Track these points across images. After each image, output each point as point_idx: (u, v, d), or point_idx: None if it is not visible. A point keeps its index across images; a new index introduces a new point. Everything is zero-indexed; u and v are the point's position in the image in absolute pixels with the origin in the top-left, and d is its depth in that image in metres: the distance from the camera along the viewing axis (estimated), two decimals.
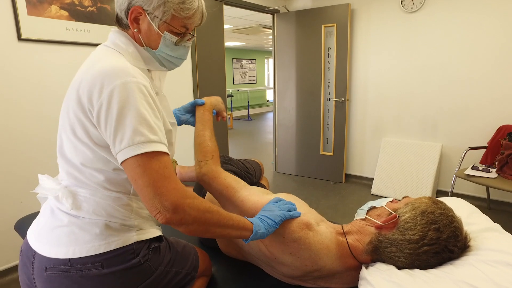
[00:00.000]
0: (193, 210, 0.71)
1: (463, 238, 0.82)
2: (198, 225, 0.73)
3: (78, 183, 0.79)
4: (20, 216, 1.71)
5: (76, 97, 0.73)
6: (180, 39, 0.85)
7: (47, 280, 0.77)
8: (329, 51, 3.53)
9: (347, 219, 2.77)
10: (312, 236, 0.86)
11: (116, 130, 0.69)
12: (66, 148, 0.78)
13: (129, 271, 0.78)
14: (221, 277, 1.10)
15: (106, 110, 0.68)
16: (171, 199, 0.68)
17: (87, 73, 0.73)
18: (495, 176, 2.46)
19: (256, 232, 0.81)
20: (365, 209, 0.95)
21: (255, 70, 10.95)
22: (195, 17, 0.84)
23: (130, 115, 0.68)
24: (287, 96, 3.94)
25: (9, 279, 1.96)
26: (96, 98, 0.69)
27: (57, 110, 2.04)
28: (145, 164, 0.68)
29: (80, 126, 0.73)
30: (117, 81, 0.69)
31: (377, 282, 0.78)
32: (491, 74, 2.75)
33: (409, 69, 3.16)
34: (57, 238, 0.77)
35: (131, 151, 0.68)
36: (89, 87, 0.70)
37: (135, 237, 0.81)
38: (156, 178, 0.68)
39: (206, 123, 1.11)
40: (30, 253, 0.81)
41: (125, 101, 0.68)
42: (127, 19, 0.81)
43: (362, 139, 3.60)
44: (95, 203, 0.78)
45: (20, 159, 1.93)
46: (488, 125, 2.81)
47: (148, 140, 0.69)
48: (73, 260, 0.75)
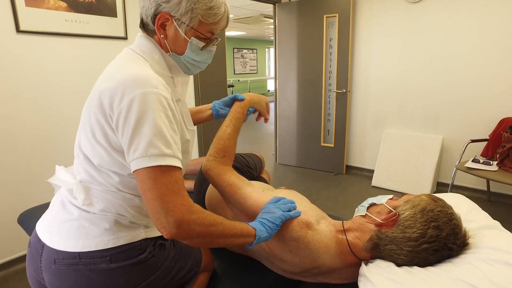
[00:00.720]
0: (198, 225, 0.71)
1: (462, 236, 0.83)
2: (202, 238, 0.74)
3: (92, 180, 0.80)
4: (22, 208, 1.72)
5: (98, 100, 0.73)
6: (206, 44, 0.85)
7: (55, 273, 0.78)
8: (331, 41, 3.49)
9: (347, 211, 2.79)
10: (312, 235, 0.87)
11: (132, 139, 0.69)
12: (84, 147, 0.80)
13: (136, 267, 0.80)
14: (223, 271, 1.11)
15: (125, 118, 0.69)
16: (177, 215, 0.69)
17: (111, 78, 0.74)
18: (496, 169, 2.46)
19: (259, 238, 0.83)
20: (365, 206, 0.96)
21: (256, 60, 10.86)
22: (222, 22, 0.84)
23: (147, 126, 0.69)
24: (288, 87, 3.91)
25: (14, 270, 1.99)
26: (117, 104, 0.70)
27: (57, 102, 2.04)
28: (156, 177, 0.69)
29: (100, 129, 0.74)
30: (138, 90, 0.70)
31: (376, 280, 0.79)
32: (495, 67, 2.72)
33: (411, 61, 3.13)
34: (67, 231, 0.79)
35: (144, 163, 0.69)
36: (111, 93, 0.71)
37: (143, 234, 0.83)
38: (164, 192, 0.69)
39: (233, 120, 1.10)
40: (38, 246, 0.82)
41: (143, 112, 0.69)
42: (154, 25, 0.81)
43: (363, 130, 3.59)
44: (106, 201, 0.80)
45: (22, 151, 1.94)
46: (490, 117, 2.80)
47: (161, 154, 0.69)
48: (82, 253, 0.76)
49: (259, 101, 1.17)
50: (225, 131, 1.07)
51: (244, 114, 1.13)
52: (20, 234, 1.97)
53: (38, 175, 2.02)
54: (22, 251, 2.02)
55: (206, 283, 1.04)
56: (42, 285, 0.83)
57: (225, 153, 1.05)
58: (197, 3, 0.78)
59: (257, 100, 1.17)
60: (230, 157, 1.07)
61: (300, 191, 3.19)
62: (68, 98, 2.09)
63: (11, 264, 1.99)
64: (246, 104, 1.14)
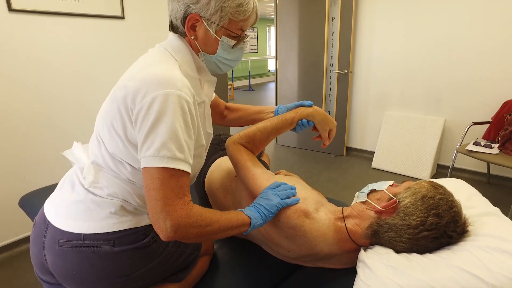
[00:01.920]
0: (194, 228, 0.73)
1: (462, 224, 0.83)
2: (198, 238, 0.76)
3: (105, 165, 0.82)
4: (23, 191, 1.73)
5: (123, 92, 0.75)
6: (237, 42, 0.86)
7: (59, 254, 0.79)
8: (333, 21, 3.40)
9: (347, 192, 2.81)
10: (309, 224, 0.87)
11: (147, 136, 0.71)
12: (102, 133, 0.81)
13: (139, 251, 0.81)
14: (223, 255, 1.13)
15: (144, 114, 0.71)
16: (175, 220, 0.70)
17: (139, 72, 0.76)
18: (497, 152, 2.45)
19: (254, 225, 0.84)
20: (365, 192, 0.96)
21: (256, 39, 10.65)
22: (251, 18, 0.85)
23: (164, 127, 0.70)
24: (289, 67, 3.85)
25: (18, 250, 2.02)
26: (139, 100, 0.71)
27: (54, 84, 2.01)
28: (164, 178, 0.70)
29: (120, 120, 0.75)
30: (161, 90, 0.71)
31: (374, 266, 0.79)
32: (499, 48, 2.66)
33: (416, 41, 3.05)
34: (73, 212, 0.80)
35: (154, 162, 0.70)
36: (136, 87, 0.72)
37: (147, 221, 0.84)
38: (169, 195, 0.70)
39: (279, 120, 1.05)
40: (43, 226, 0.83)
41: (163, 112, 0.70)
42: (184, 27, 0.82)
43: (364, 112, 3.56)
44: (115, 186, 0.81)
45: (20, 135, 1.93)
46: (493, 99, 2.76)
47: (173, 157, 0.70)
48: (86, 235, 0.78)
49: (323, 120, 1.07)
50: (265, 124, 1.05)
51: (293, 121, 1.05)
52: (23, 216, 1.99)
53: (37, 158, 2.02)
54: (25, 233, 2.05)
55: (207, 266, 1.06)
56: (44, 265, 0.84)
57: (251, 142, 1.04)
58: (226, 1, 0.79)
59: (320, 118, 1.06)
60: (255, 147, 1.06)
61: (301, 173, 3.22)
62: (65, 80, 2.06)
63: (15, 245, 2.02)
64: (302, 113, 1.05)
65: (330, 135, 1.10)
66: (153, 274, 0.86)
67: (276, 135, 1.06)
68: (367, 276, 0.79)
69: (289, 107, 1.11)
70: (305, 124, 1.07)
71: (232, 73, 9.36)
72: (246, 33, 0.88)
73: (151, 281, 0.88)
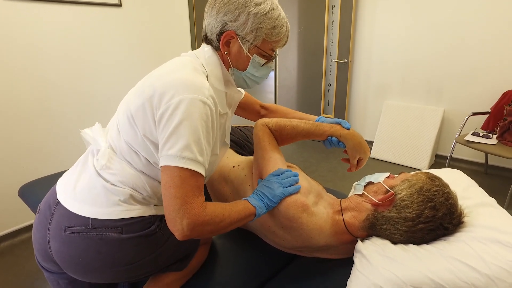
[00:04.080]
0: (209, 225, 0.76)
1: (458, 215, 0.84)
2: (211, 234, 0.80)
3: (120, 153, 0.84)
4: (22, 180, 1.73)
5: (151, 91, 0.77)
6: (267, 61, 0.89)
7: (65, 241, 0.80)
8: (333, 9, 3.35)
9: (346, 182, 2.82)
10: (306, 217, 0.88)
11: (170, 136, 0.73)
12: (122, 123, 0.84)
13: (145, 239, 0.83)
14: (221, 245, 1.14)
15: (170, 114, 0.73)
16: (192, 218, 0.72)
17: (169, 74, 0.79)
18: (495, 142, 2.45)
19: (259, 214, 0.87)
20: (362, 185, 0.96)
21: None
22: (283, 40, 0.89)
23: (188, 129, 0.73)
24: (288, 56, 3.82)
25: (19, 239, 2.04)
26: (166, 100, 0.74)
27: (52, 71, 1.99)
28: (186, 177, 0.73)
29: (143, 116, 0.78)
30: (189, 94, 0.74)
31: (371, 256, 0.80)
32: (501, 38, 2.64)
33: (418, 29, 3.02)
34: (83, 195, 0.82)
35: (177, 161, 0.72)
36: (165, 88, 0.75)
37: (154, 211, 0.87)
38: (189, 194, 0.73)
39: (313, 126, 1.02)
40: (48, 213, 0.84)
41: (188, 115, 0.73)
42: (219, 42, 0.85)
43: (364, 102, 3.55)
44: (127, 174, 0.83)
45: (19, 124, 1.92)
46: (493, 90, 2.75)
47: (195, 159, 0.74)
48: (94, 221, 0.79)
49: (356, 147, 1.02)
50: (298, 123, 1.03)
51: (325, 133, 1.02)
52: (23, 206, 2.00)
53: (36, 147, 2.02)
54: (25, 222, 2.07)
55: (206, 255, 1.07)
56: (47, 253, 0.84)
57: (279, 131, 1.04)
58: (263, 22, 0.82)
59: (352, 144, 1.02)
60: (280, 138, 1.05)
61: (300, 162, 3.23)
62: (63, 68, 2.04)
63: (16, 234, 2.04)
64: (336, 131, 1.01)
65: (359, 164, 1.06)
66: (157, 262, 0.88)
67: (304, 138, 1.04)
68: (364, 266, 0.80)
69: (329, 121, 1.08)
70: (334, 143, 1.03)
71: None
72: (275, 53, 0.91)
73: (154, 269, 0.90)
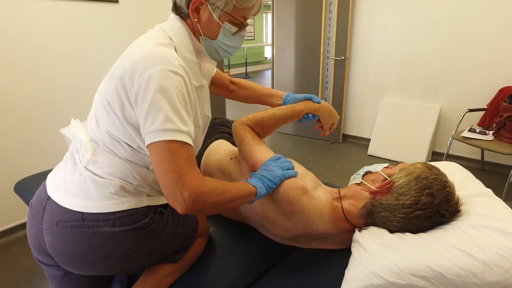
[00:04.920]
0: (211, 197, 0.74)
1: (455, 203, 0.84)
2: (215, 208, 0.77)
3: (103, 145, 0.82)
4: (19, 177, 1.72)
5: (121, 72, 0.75)
6: (239, 29, 0.86)
7: (57, 235, 0.79)
8: (330, 6, 3.35)
9: (343, 179, 2.83)
10: (306, 200, 0.88)
11: (149, 112, 0.71)
12: (99, 114, 0.81)
13: (138, 231, 0.82)
14: (218, 237, 1.14)
15: (144, 91, 0.71)
16: (192, 188, 0.70)
17: (136, 51, 0.76)
18: (491, 138, 2.47)
19: (259, 195, 0.85)
20: (361, 174, 0.96)
21: (253, 25, 10.51)
22: (255, 7, 0.86)
23: (165, 101, 0.70)
24: (286, 54, 3.82)
25: (15, 236, 2.03)
26: (137, 77, 0.72)
27: (49, 67, 1.98)
28: (175, 150, 0.71)
29: (118, 100, 0.76)
30: (158, 66, 0.71)
31: (369, 245, 0.80)
32: (498, 35, 2.65)
33: (413, 27, 3.03)
34: (73, 189, 0.81)
35: (161, 136, 0.70)
36: (133, 66, 0.73)
37: (146, 202, 0.85)
38: (182, 165, 0.71)
39: (288, 110, 1.10)
40: (40, 207, 0.83)
41: (161, 88, 0.70)
42: (188, 9, 0.82)
43: (361, 99, 3.56)
44: (114, 165, 0.81)
45: (15, 120, 1.91)
46: (489, 86, 2.76)
47: (178, 129, 0.71)
48: (85, 215, 0.78)
49: (329, 115, 1.15)
50: (274, 112, 1.08)
51: (301, 113, 1.12)
52: (19, 203, 1.99)
53: (32, 143, 2.00)
54: (22, 219, 2.06)
55: (203, 248, 1.07)
56: (42, 247, 0.84)
57: (259, 125, 1.07)
58: None
59: (326, 114, 1.15)
60: (262, 131, 1.08)
61: (297, 159, 3.23)
62: (60, 63, 2.02)
63: (13, 231, 2.03)
64: (311, 107, 1.12)
65: (331, 128, 1.19)
66: (152, 255, 0.87)
67: (283, 123, 1.10)
68: (362, 255, 0.80)
69: (299, 97, 1.15)
70: (310, 118, 1.13)
71: (228, 61, 9.27)
72: (247, 22, 0.89)
73: (149, 261, 0.89)
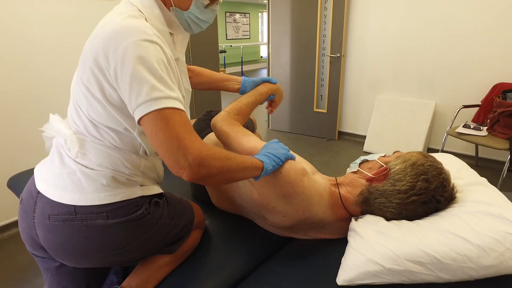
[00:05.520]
0: (216, 160, 0.71)
1: (450, 189, 0.85)
2: (222, 174, 0.74)
3: (88, 134, 0.79)
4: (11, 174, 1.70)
5: (93, 52, 0.71)
6: (211, 2, 0.84)
7: (50, 229, 0.77)
8: (326, 3, 3.36)
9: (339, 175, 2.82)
10: (307, 181, 0.88)
11: (132, 85, 0.67)
12: (79, 102, 0.78)
13: (132, 223, 0.80)
14: (214, 229, 1.14)
15: (121, 65, 0.67)
16: (196, 152, 0.68)
17: (105, 28, 0.72)
18: (486, 134, 2.49)
19: (266, 170, 0.84)
20: (357, 162, 0.97)
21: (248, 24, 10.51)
22: None
23: (146, 71, 0.67)
24: (281, 51, 3.82)
25: (8, 234, 2.00)
26: (112, 55, 0.68)
27: (45, 62, 1.96)
28: (168, 117, 0.68)
29: (96, 82, 0.72)
30: (132, 38, 0.68)
31: (365, 233, 0.81)
32: (491, 31, 2.67)
33: (408, 24, 3.04)
34: (64, 183, 0.78)
35: (151, 106, 0.67)
36: (105, 44, 0.69)
37: (140, 192, 0.83)
38: (180, 131, 0.68)
39: (256, 95, 1.16)
40: (31, 201, 0.81)
41: (140, 58, 0.67)
42: None
43: (356, 96, 3.57)
44: (103, 154, 0.79)
45: (8, 116, 1.88)
46: (484, 83, 2.79)
47: (167, 96, 0.68)
48: (78, 208, 0.76)
49: (281, 94, 1.26)
50: (246, 99, 1.13)
51: (267, 95, 1.19)
52: (11, 199, 1.97)
53: (26, 140, 1.98)
54: (15, 216, 2.03)
55: (199, 240, 1.06)
56: (35, 241, 0.83)
57: (240, 114, 1.10)
58: None
59: (280, 93, 1.25)
60: (243, 119, 1.11)
61: None
62: (54, 60, 2.00)
63: (5, 228, 2.00)
64: (272, 88, 1.20)
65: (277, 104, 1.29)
66: (147, 246, 0.86)
67: (255, 108, 1.16)
68: (358, 243, 0.80)
69: (257, 81, 1.20)
70: (271, 98, 1.22)
71: (224, 59, 9.26)
72: None
73: (144, 253, 0.88)
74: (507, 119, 2.40)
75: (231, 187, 1.07)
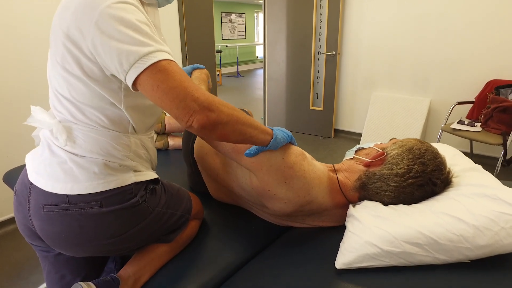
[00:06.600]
0: (224, 107, 0.69)
1: (446, 173, 0.86)
2: (232, 125, 0.71)
3: (74, 119, 0.77)
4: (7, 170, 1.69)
5: (64, 28, 0.67)
6: None
7: (45, 219, 0.77)
8: (321, 1, 3.39)
9: None
10: (307, 165, 0.89)
11: (119, 51, 0.64)
12: (59, 87, 0.75)
13: (127, 211, 0.79)
14: (212, 220, 1.14)
15: (101, 33, 0.64)
16: (203, 97, 0.65)
17: (70, 2, 0.68)
18: (480, 130, 2.52)
19: (275, 138, 0.83)
20: (353, 150, 0.98)
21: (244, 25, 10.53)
22: None
23: (130, 30, 0.64)
24: (277, 49, 3.83)
25: (3, 231, 1.99)
26: (87, 26, 0.64)
27: (39, 57, 1.95)
28: (167, 68, 0.65)
29: (72, 59, 0.69)
30: (105, 2, 0.64)
31: (363, 217, 0.81)
32: (485, 28, 2.71)
33: (403, 22, 3.08)
34: (56, 173, 0.76)
35: (144, 63, 0.64)
36: (77, 15, 0.65)
37: (133, 178, 0.81)
38: (182, 78, 0.65)
39: (203, 81, 1.18)
40: (25, 192, 0.80)
41: (120, 19, 0.64)
42: None
43: (352, 94, 3.59)
44: (92, 140, 0.76)
45: (3, 112, 1.87)
46: (478, 79, 2.82)
47: (159, 49, 0.65)
48: (71, 197, 0.74)
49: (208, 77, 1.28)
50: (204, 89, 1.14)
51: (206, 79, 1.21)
52: (6, 196, 1.95)
53: (22, 136, 1.97)
54: (10, 213, 2.01)
55: (197, 230, 1.06)
56: (32, 231, 0.82)
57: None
58: None
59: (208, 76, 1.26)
60: None
61: None
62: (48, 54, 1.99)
63: (1, 225, 1.99)
64: (207, 74, 1.22)
65: None
66: (144, 235, 0.86)
67: None
68: (356, 227, 0.81)
69: (186, 69, 1.21)
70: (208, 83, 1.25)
71: (220, 60, 9.27)
72: None
73: (142, 242, 0.88)
74: (501, 115, 2.43)
75: (229, 177, 1.07)
